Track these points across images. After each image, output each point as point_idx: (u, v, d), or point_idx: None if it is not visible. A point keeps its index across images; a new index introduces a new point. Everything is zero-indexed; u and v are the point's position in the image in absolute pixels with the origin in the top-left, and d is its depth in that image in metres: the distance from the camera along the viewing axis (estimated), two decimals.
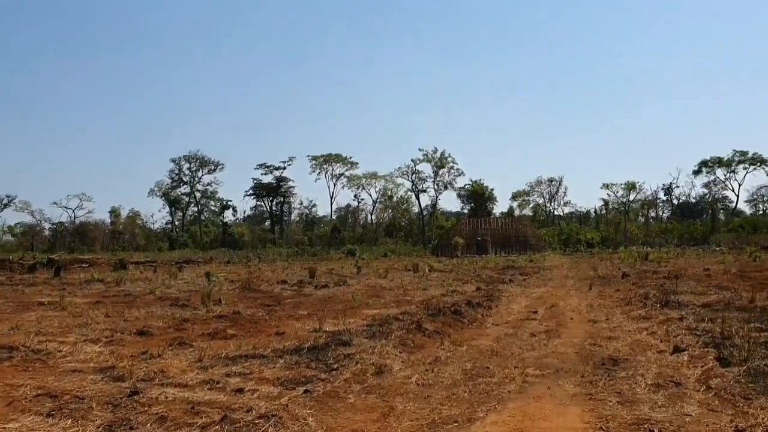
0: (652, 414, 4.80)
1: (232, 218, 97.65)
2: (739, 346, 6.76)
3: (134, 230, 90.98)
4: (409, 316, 10.71)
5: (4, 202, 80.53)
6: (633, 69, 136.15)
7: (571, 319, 11.45)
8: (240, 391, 5.84)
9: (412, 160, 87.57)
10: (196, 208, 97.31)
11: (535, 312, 12.72)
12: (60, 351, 7.93)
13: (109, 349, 8.28)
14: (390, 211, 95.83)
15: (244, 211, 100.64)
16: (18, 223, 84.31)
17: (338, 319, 11.36)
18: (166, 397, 5.48)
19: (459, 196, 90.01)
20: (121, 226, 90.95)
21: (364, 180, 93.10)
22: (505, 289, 18.67)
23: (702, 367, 6.14)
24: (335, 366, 6.79)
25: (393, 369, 6.63)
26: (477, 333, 9.64)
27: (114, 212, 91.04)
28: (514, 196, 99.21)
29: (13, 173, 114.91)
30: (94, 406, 5.21)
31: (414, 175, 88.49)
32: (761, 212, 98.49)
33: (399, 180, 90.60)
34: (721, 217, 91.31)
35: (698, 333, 8.24)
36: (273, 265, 40.92)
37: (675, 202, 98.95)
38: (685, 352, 6.96)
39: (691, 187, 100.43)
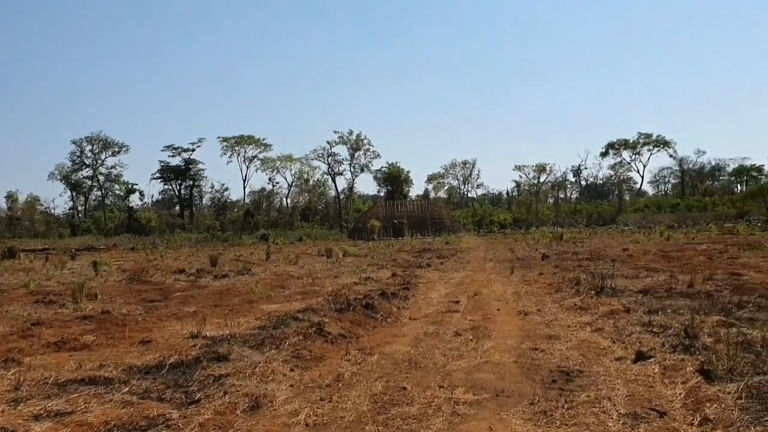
0: None
1: (140, 203, 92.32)
2: (713, 350, 5.42)
3: (33, 216, 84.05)
4: (312, 313, 8.91)
5: None
6: (543, 52, 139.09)
7: (498, 310, 10.01)
8: None
9: (328, 142, 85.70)
10: (100, 193, 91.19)
11: (457, 302, 11.24)
12: None
13: None
14: (306, 194, 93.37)
15: (152, 196, 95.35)
16: None
17: (227, 318, 9.45)
18: None
19: (375, 178, 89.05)
20: (18, 212, 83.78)
21: (278, 163, 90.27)
22: (422, 275, 17.21)
23: (683, 383, 4.69)
24: (197, 396, 4.90)
25: (275, 399, 4.79)
26: (391, 333, 7.96)
27: (11, 197, 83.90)
28: (430, 179, 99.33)
29: None
30: None
31: (330, 158, 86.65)
32: (663, 193, 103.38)
33: (315, 163, 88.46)
34: (627, 197, 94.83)
35: (655, 330, 6.87)
36: (178, 251, 38.09)
37: (583, 183, 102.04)
38: (652, 360, 5.53)
39: (599, 169, 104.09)
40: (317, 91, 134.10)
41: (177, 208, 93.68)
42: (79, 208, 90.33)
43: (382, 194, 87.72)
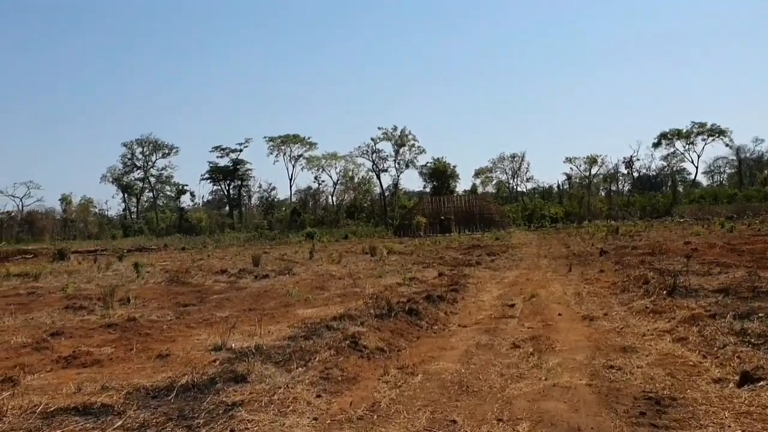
0: None
1: (191, 203, 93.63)
2: None
3: (87, 218, 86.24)
4: (349, 321, 8.00)
5: None
6: (592, 42, 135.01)
7: (560, 315, 8.90)
8: None
9: (372, 139, 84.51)
10: (151, 194, 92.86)
11: (512, 305, 10.16)
12: None
13: None
14: (351, 192, 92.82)
15: (203, 196, 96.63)
16: None
17: (258, 325, 8.64)
18: None
19: (421, 174, 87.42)
20: (73, 215, 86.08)
21: (323, 161, 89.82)
22: (472, 274, 16.12)
23: None
24: None
25: None
26: (438, 345, 6.95)
27: (65, 200, 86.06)
28: (477, 173, 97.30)
29: None
30: None
31: (374, 155, 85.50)
32: (718, 183, 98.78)
33: (359, 160, 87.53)
34: (680, 189, 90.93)
35: (754, 341, 5.69)
36: (226, 251, 37.94)
37: (635, 175, 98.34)
38: (763, 384, 4.40)
39: (651, 160, 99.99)
40: (362, 88, 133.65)
41: (226, 208, 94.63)
42: (132, 210, 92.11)
43: (428, 190, 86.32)
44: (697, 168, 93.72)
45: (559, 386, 4.90)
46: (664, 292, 9.70)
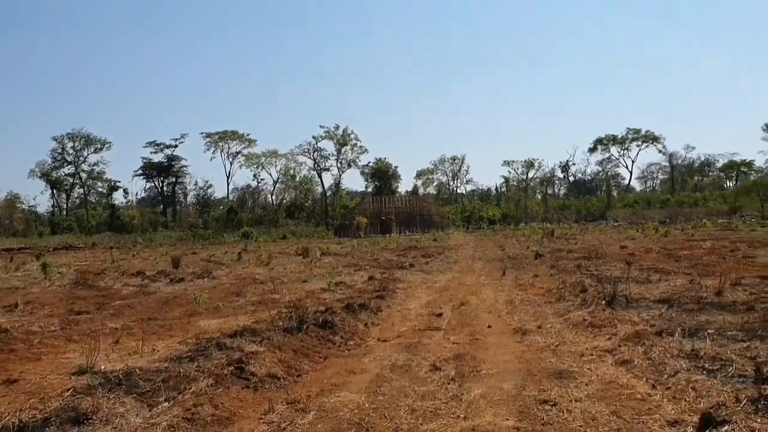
0: None
1: (124, 201, 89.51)
2: None
3: (13, 215, 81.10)
4: (249, 337, 6.87)
5: None
6: (532, 46, 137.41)
7: (490, 327, 8.03)
8: None
9: (314, 137, 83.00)
10: (82, 190, 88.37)
11: (440, 314, 9.24)
12: None
13: None
14: (292, 191, 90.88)
15: (136, 193, 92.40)
16: None
17: (146, 340, 7.44)
18: None
19: (363, 174, 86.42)
20: None
21: (263, 159, 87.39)
22: (403, 278, 15.20)
23: None
24: None
25: None
26: (347, 367, 5.91)
27: None
28: (419, 175, 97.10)
29: None
30: None
31: (316, 153, 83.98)
32: (650, 188, 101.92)
33: (300, 158, 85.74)
34: (615, 193, 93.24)
35: (709, 366, 4.91)
36: (155, 251, 35.98)
37: (571, 179, 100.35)
38: (727, 428, 3.57)
39: (587, 164, 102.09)
40: (303, 86, 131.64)
41: (161, 206, 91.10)
42: (62, 207, 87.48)
43: (369, 190, 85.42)
44: (631, 173, 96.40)
45: (479, 430, 3.94)
46: (603, 301, 8.99)
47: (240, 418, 4.31)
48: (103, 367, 5.94)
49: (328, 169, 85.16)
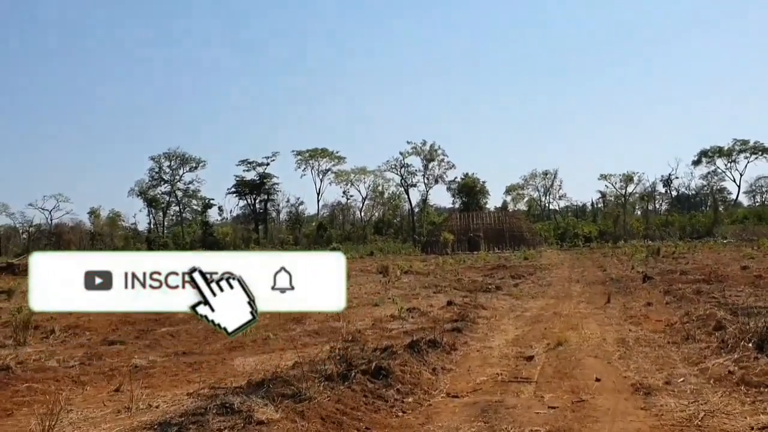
0: None
1: (218, 218, 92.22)
2: None
3: (114, 232, 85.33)
4: (277, 387, 5.28)
5: None
6: (629, 56, 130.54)
7: (598, 380, 6.01)
8: None
9: (401, 153, 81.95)
10: (177, 208, 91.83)
11: (530, 358, 7.28)
12: None
13: None
14: (380, 207, 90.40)
15: (231, 210, 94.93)
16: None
17: (157, 385, 6.02)
18: None
19: (449, 189, 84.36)
20: (101, 228, 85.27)
21: (352, 176, 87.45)
22: (487, 303, 13.22)
23: None
24: None
25: None
26: None
27: (93, 213, 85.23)
28: (508, 190, 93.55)
29: None
30: None
31: (403, 169, 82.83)
32: (760, 203, 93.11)
33: (388, 175, 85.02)
34: (720, 209, 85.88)
35: None
36: None
37: (674, 193, 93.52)
38: None
39: (691, 178, 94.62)
40: (391, 102, 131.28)
41: (254, 223, 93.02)
42: (160, 224, 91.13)
43: (457, 206, 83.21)
44: (739, 187, 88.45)
45: None
46: (751, 343, 6.75)
47: None
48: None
49: (415, 185, 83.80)
